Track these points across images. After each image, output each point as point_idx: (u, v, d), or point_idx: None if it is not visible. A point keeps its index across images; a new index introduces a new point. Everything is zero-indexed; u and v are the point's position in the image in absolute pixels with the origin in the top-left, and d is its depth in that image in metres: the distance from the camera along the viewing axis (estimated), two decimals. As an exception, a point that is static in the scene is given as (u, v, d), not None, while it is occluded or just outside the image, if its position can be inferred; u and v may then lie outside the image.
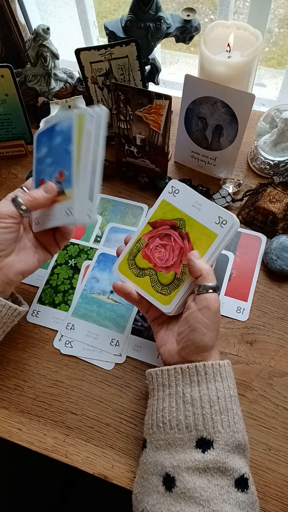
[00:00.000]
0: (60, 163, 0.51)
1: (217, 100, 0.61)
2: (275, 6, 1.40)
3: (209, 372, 0.44)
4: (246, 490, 0.41)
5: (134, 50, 0.63)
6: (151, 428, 0.45)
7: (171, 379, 0.45)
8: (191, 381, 0.44)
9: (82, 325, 0.60)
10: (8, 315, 0.51)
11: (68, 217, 0.50)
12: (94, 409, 0.55)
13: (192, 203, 0.50)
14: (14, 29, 0.75)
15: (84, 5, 0.87)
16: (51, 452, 0.52)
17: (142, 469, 0.45)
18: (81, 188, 0.49)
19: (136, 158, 0.70)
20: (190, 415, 0.43)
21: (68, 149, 0.49)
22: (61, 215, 0.50)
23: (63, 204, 0.50)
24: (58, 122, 0.51)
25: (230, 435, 0.42)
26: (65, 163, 0.50)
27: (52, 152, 0.52)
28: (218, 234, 0.49)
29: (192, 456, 0.41)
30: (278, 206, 0.63)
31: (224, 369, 0.45)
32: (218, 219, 0.49)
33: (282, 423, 0.52)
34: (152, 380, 0.47)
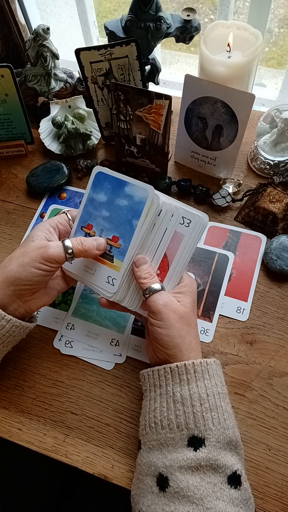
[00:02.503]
0: (118, 228, 0.50)
1: (217, 100, 0.61)
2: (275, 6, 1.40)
3: (198, 370, 0.44)
4: (239, 486, 0.41)
5: (134, 50, 0.63)
6: (144, 429, 0.45)
7: (161, 379, 0.46)
8: (180, 380, 0.44)
9: (82, 325, 0.60)
10: (20, 333, 0.51)
11: (107, 285, 0.50)
12: (94, 409, 0.55)
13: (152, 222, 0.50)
14: (14, 29, 0.75)
15: (84, 5, 0.87)
16: (51, 452, 0.52)
17: (138, 470, 0.45)
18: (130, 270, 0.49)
19: (136, 158, 0.70)
20: (180, 414, 0.43)
21: (132, 222, 0.49)
22: (102, 278, 0.50)
23: (107, 270, 0.50)
24: (129, 184, 0.49)
25: (221, 432, 0.42)
26: (125, 234, 0.49)
27: (112, 208, 0.50)
28: (185, 234, 0.49)
29: (184, 455, 0.41)
30: (278, 206, 0.63)
31: (211, 367, 0.45)
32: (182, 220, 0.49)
33: (282, 423, 0.52)
34: (144, 381, 0.48)
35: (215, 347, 0.57)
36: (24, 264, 0.47)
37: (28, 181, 0.73)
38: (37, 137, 0.76)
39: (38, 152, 0.79)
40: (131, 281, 0.50)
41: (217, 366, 0.47)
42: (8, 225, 0.71)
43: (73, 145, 0.75)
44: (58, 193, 0.73)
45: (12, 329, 0.49)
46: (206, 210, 0.69)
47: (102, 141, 0.78)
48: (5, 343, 0.50)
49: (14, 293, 0.48)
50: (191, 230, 0.49)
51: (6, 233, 0.70)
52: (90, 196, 0.52)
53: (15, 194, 0.74)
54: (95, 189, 0.52)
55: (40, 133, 0.75)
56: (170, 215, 0.49)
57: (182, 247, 0.50)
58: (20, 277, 0.47)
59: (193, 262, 0.63)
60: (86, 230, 0.52)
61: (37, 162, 0.78)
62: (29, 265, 0.47)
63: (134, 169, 0.72)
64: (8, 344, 0.50)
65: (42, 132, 0.75)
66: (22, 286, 0.48)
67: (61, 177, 0.72)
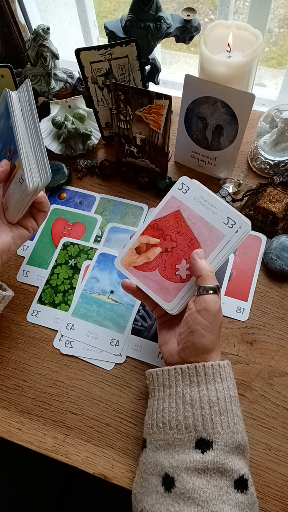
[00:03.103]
0: (7, 141, 0.53)
1: (217, 100, 0.61)
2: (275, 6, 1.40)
3: (208, 372, 0.44)
4: (245, 491, 0.41)
5: (134, 50, 0.63)
6: (151, 428, 0.45)
7: (171, 379, 0.45)
8: (190, 381, 0.44)
9: (82, 325, 0.60)
10: None
11: (21, 187, 0.51)
12: (94, 409, 0.55)
13: (202, 202, 0.50)
14: (14, 29, 0.75)
15: (84, 5, 0.87)
16: (51, 452, 0.52)
17: (142, 469, 0.45)
18: (27, 154, 0.51)
19: (136, 158, 0.70)
20: (189, 416, 0.43)
21: (9, 124, 0.51)
22: (17, 187, 0.52)
23: (16, 177, 0.52)
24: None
25: (230, 436, 0.42)
26: (11, 138, 0.52)
27: (1, 134, 0.54)
28: (226, 235, 0.48)
29: (191, 457, 0.41)
30: (278, 206, 0.63)
31: (224, 369, 0.45)
32: (227, 220, 0.48)
33: (282, 423, 0.52)
34: (152, 380, 0.47)
35: (215, 347, 0.57)
36: None
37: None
38: (37, 137, 0.76)
39: (38, 152, 0.79)
40: (33, 161, 0.51)
41: (230, 368, 0.46)
42: (8, 225, 0.71)
43: (73, 145, 0.75)
44: (58, 193, 0.73)
45: None
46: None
47: (102, 141, 0.78)
48: None
49: None
50: (232, 232, 0.48)
51: (6, 233, 0.70)
52: None
53: (15, 194, 0.74)
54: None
55: (40, 133, 0.75)
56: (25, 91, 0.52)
57: (220, 247, 0.49)
58: None
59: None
60: None
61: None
62: None
63: (134, 169, 0.72)
64: None
65: (42, 132, 0.75)
66: None
67: (61, 177, 0.72)
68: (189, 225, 0.50)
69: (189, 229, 0.50)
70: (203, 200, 0.49)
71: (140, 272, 0.51)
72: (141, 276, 0.51)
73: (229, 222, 0.48)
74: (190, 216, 0.50)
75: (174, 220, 0.50)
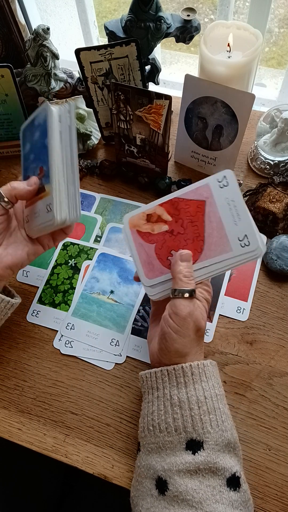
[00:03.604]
0: (40, 159, 0.50)
1: (217, 100, 0.61)
2: (275, 6, 1.40)
3: (195, 372, 0.44)
4: (238, 488, 0.41)
5: (134, 50, 0.63)
6: (143, 431, 0.45)
7: (158, 381, 0.45)
8: (177, 382, 0.44)
9: (82, 325, 0.60)
10: (1, 308, 0.51)
11: (47, 214, 0.48)
12: (94, 409, 0.55)
13: (231, 206, 0.46)
14: (14, 29, 0.75)
15: (84, 5, 0.87)
16: (51, 452, 0.52)
17: (137, 473, 0.45)
18: (59, 183, 0.48)
19: (136, 158, 0.70)
20: (178, 418, 0.42)
21: (45, 143, 0.49)
22: (43, 212, 0.49)
23: (44, 201, 0.49)
24: (36, 115, 0.50)
25: (220, 434, 0.42)
26: (44, 158, 0.49)
27: (34, 147, 0.51)
28: (233, 250, 0.44)
29: (182, 459, 0.41)
30: (278, 206, 0.63)
31: (208, 368, 0.45)
32: (243, 237, 0.44)
33: (282, 423, 0.52)
34: (143, 383, 0.47)
35: (215, 347, 0.57)
36: None
37: (28, 181, 0.73)
38: (37, 137, 0.76)
39: (38, 152, 0.79)
40: (64, 194, 0.49)
41: (213, 367, 0.46)
42: (8, 225, 0.71)
43: (73, 145, 0.75)
44: (58, 193, 0.73)
45: None
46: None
47: (102, 141, 0.78)
48: None
49: None
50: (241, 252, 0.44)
51: (6, 233, 0.70)
52: (22, 154, 0.54)
53: (15, 194, 0.74)
54: (23, 145, 0.53)
55: (40, 133, 0.75)
56: (67, 113, 0.48)
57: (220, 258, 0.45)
58: None
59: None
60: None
61: (37, 162, 0.78)
62: None
63: (134, 169, 0.72)
64: None
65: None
66: None
67: (61, 177, 0.72)
68: (206, 221, 0.47)
69: (203, 225, 0.47)
70: (233, 204, 0.46)
71: (139, 238, 0.49)
72: (138, 242, 0.49)
73: (244, 240, 0.44)
74: (211, 213, 0.46)
75: (196, 208, 0.47)
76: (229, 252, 0.45)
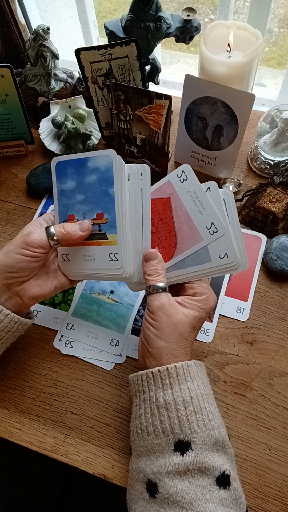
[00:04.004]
0: (98, 204, 0.48)
1: (217, 100, 0.61)
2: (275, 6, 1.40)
3: (180, 373, 0.44)
4: (228, 487, 0.41)
5: (134, 50, 0.63)
6: (133, 435, 0.45)
7: (144, 384, 0.45)
8: (163, 384, 0.44)
9: (82, 325, 0.60)
10: (18, 329, 0.51)
11: (112, 262, 0.48)
12: (94, 409, 0.55)
13: (194, 198, 0.48)
14: (14, 29, 0.75)
15: (84, 5, 0.87)
16: (51, 452, 0.52)
17: (129, 476, 0.45)
18: (127, 236, 0.48)
19: (136, 158, 0.70)
20: (165, 420, 0.42)
21: (109, 192, 0.47)
22: (104, 259, 0.49)
23: (105, 249, 0.48)
24: (90, 158, 0.48)
25: (207, 434, 0.42)
26: (107, 206, 0.48)
27: (85, 189, 0.49)
28: (204, 239, 0.46)
29: (171, 460, 0.41)
30: (278, 206, 0.63)
31: (192, 369, 0.45)
32: (210, 225, 0.46)
33: (282, 423, 0.52)
34: (131, 386, 0.47)
35: (215, 347, 0.57)
36: (8, 251, 0.48)
37: (28, 181, 0.73)
38: (37, 137, 0.76)
39: (38, 152, 0.79)
40: (133, 251, 0.48)
41: (198, 367, 0.46)
42: (8, 225, 0.71)
43: (73, 145, 0.75)
44: (58, 193, 0.73)
45: (10, 325, 0.49)
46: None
47: (102, 141, 0.78)
48: (4, 339, 0.50)
49: (2, 283, 0.48)
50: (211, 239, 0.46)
51: (6, 233, 0.70)
52: (59, 189, 0.51)
53: (15, 194, 0.74)
54: (61, 179, 0.51)
55: (40, 133, 0.75)
56: (139, 173, 0.48)
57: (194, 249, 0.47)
58: (4, 264, 0.47)
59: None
60: (69, 222, 0.51)
61: (37, 162, 0.78)
62: (13, 251, 0.47)
63: (134, 169, 0.72)
64: (6, 340, 0.50)
65: (42, 132, 0.75)
66: (8, 274, 0.47)
67: (61, 177, 0.72)
68: (174, 216, 0.48)
69: (172, 221, 0.48)
70: (195, 196, 0.47)
71: None
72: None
73: (212, 227, 0.46)
74: (177, 208, 0.48)
75: (162, 206, 0.49)
76: (200, 241, 0.47)
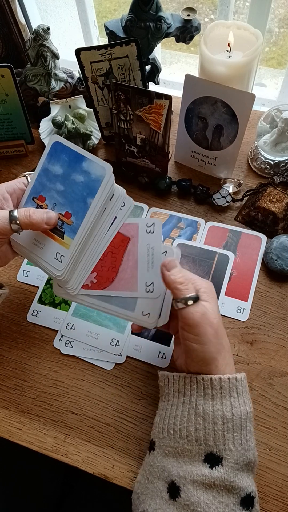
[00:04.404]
0: (72, 204, 0.48)
1: (217, 100, 0.61)
2: (275, 6, 1.40)
3: (224, 387, 0.42)
4: (251, 508, 0.40)
5: (134, 50, 0.63)
6: (162, 432, 0.44)
7: (186, 387, 0.44)
8: (205, 393, 0.42)
9: (82, 325, 0.60)
10: None
11: (55, 261, 0.48)
12: (94, 409, 0.55)
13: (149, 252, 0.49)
14: (14, 29, 0.75)
15: (84, 5, 0.87)
16: (51, 452, 0.52)
17: (148, 471, 0.44)
18: (80, 247, 0.48)
19: (136, 158, 0.70)
20: (200, 429, 0.41)
21: (87, 200, 0.47)
22: (50, 254, 0.49)
23: (56, 246, 0.48)
24: (87, 159, 0.48)
25: (241, 454, 0.41)
26: (78, 211, 0.47)
27: (68, 183, 0.48)
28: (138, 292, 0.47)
29: (199, 470, 0.40)
30: (278, 206, 0.63)
31: (241, 383, 0.43)
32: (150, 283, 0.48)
33: (282, 423, 0.52)
34: (168, 384, 0.46)
35: (215, 347, 0.57)
36: None
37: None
38: (37, 137, 0.76)
39: (38, 152, 0.79)
40: (78, 262, 0.48)
41: (246, 382, 0.44)
42: (8, 225, 0.71)
43: (73, 145, 0.75)
44: (58, 193, 0.73)
45: None
46: (206, 210, 0.69)
47: (102, 141, 0.78)
48: None
49: None
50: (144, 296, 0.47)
51: (6, 233, 0.70)
52: (45, 166, 0.50)
53: (15, 194, 0.74)
54: (51, 159, 0.49)
55: (40, 133, 0.75)
56: (121, 203, 0.48)
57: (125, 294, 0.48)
58: None
59: (193, 262, 0.63)
60: (38, 202, 0.50)
61: (37, 162, 0.78)
62: None
63: (134, 169, 0.72)
64: None
65: (42, 132, 0.75)
66: None
67: (61, 177, 0.72)
68: (124, 257, 0.49)
69: (121, 259, 0.49)
70: (152, 252, 0.48)
71: None
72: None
73: (150, 286, 0.47)
74: (131, 252, 0.49)
75: (120, 242, 0.49)
76: (134, 291, 0.48)
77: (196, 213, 0.68)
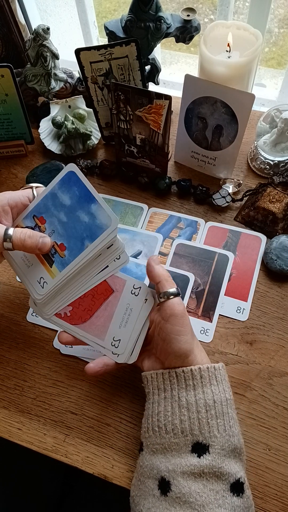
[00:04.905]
0: (69, 239, 0.48)
1: (217, 100, 0.61)
2: (275, 6, 1.40)
3: (204, 375, 0.44)
4: (241, 494, 0.40)
5: (134, 50, 0.63)
6: (147, 431, 0.45)
7: (166, 382, 0.45)
8: (186, 385, 0.44)
9: (82, 325, 0.60)
10: None
11: (37, 285, 0.49)
12: (94, 409, 0.55)
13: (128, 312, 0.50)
14: (14, 29, 0.75)
15: (84, 5, 0.87)
16: (51, 452, 0.52)
17: (139, 472, 0.45)
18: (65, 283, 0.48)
19: (136, 158, 0.70)
20: (185, 420, 0.42)
21: (85, 242, 0.47)
22: (34, 276, 0.49)
23: (42, 271, 0.49)
24: (97, 205, 0.47)
25: (226, 439, 0.42)
26: (73, 248, 0.47)
27: (71, 217, 0.48)
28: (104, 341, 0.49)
29: (187, 461, 0.41)
30: (278, 206, 0.63)
31: (219, 372, 0.45)
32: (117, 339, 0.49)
33: (282, 423, 0.52)
34: (147, 383, 0.47)
35: (215, 347, 0.57)
36: None
37: (28, 181, 0.73)
38: (37, 137, 0.76)
39: (38, 152, 0.79)
40: (59, 293, 0.49)
41: (224, 371, 0.46)
42: (8, 225, 0.71)
43: (73, 145, 0.75)
44: (58, 193, 0.73)
45: None
46: (206, 210, 0.69)
47: (102, 141, 0.78)
48: None
49: None
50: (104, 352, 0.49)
51: (6, 233, 0.70)
52: (54, 190, 0.49)
53: (15, 194, 0.74)
54: (62, 186, 0.49)
55: (40, 133, 0.75)
56: (117, 255, 0.49)
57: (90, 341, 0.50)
58: None
59: (193, 262, 0.63)
60: (38, 223, 0.50)
61: (37, 162, 0.78)
62: None
63: (134, 169, 0.72)
64: None
65: (42, 132, 0.75)
66: None
67: (61, 177, 0.72)
68: (102, 306, 0.50)
69: (98, 306, 0.50)
70: (129, 312, 0.49)
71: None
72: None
73: (116, 342, 0.49)
74: (110, 304, 0.50)
75: (103, 291, 0.50)
76: (100, 340, 0.49)
77: (195, 213, 0.69)
